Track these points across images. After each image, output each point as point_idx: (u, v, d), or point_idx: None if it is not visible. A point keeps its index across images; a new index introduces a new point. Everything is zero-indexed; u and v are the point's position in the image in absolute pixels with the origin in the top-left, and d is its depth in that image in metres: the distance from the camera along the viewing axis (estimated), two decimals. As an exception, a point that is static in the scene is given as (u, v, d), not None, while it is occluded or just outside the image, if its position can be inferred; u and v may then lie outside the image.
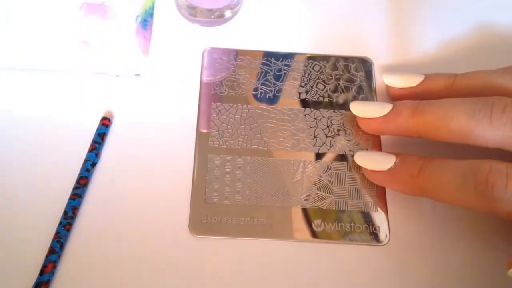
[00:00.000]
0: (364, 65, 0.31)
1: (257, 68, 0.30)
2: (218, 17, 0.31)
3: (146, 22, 0.31)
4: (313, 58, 0.31)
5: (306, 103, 0.29)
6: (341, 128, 0.29)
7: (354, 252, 0.26)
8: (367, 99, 0.30)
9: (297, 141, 0.28)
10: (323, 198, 0.27)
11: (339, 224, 0.26)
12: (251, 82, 0.30)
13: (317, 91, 0.30)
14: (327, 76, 0.30)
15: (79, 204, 0.25)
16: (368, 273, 0.25)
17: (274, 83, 0.30)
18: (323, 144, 0.28)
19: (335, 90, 0.30)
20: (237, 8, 0.32)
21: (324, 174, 0.27)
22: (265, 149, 0.28)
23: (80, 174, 0.26)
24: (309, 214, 0.26)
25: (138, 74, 0.30)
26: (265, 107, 0.29)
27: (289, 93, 0.30)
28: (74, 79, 0.29)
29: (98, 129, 0.27)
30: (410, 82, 0.28)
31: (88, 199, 0.26)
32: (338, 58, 0.31)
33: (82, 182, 0.26)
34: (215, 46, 0.31)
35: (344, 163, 0.28)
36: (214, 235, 0.25)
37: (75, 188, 0.26)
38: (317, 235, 0.26)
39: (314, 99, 0.30)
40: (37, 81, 0.29)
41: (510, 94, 0.24)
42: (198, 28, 0.32)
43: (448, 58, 0.32)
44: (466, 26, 0.33)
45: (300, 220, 0.26)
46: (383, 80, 0.29)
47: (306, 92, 0.30)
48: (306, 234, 0.26)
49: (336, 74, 0.30)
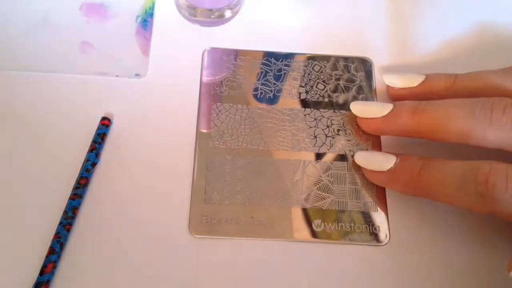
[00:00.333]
0: (364, 65, 0.31)
1: (257, 68, 0.30)
2: (218, 17, 0.31)
3: (146, 22, 0.31)
4: (313, 58, 0.31)
5: (306, 103, 0.29)
6: (341, 128, 0.29)
7: (354, 252, 0.26)
8: (367, 99, 0.30)
9: (297, 141, 0.28)
10: (323, 198, 0.27)
11: (339, 224, 0.26)
12: (251, 82, 0.30)
13: (317, 91, 0.30)
14: (327, 76, 0.30)
15: (79, 204, 0.25)
16: (368, 273, 0.25)
17: (274, 83, 0.30)
18: (323, 144, 0.28)
19: (335, 90, 0.30)
20: (237, 8, 0.32)
21: (324, 174, 0.27)
22: (265, 149, 0.28)
23: (80, 174, 0.26)
24: (309, 214, 0.26)
25: (138, 74, 0.30)
26: (265, 107, 0.29)
27: (289, 93, 0.30)
28: (74, 79, 0.29)
29: (98, 129, 0.27)
30: (410, 82, 0.28)
31: (88, 199, 0.26)
32: (338, 58, 0.31)
33: (82, 182, 0.26)
34: (215, 46, 0.31)
35: (344, 163, 0.28)
36: (214, 235, 0.25)
37: (75, 188, 0.26)
38: (317, 235, 0.26)
39: (314, 99, 0.30)
40: (37, 81, 0.29)
41: (510, 95, 0.24)
42: (198, 28, 0.32)
43: (448, 58, 0.32)
44: (466, 26, 0.33)
45: (300, 220, 0.26)
46: (383, 80, 0.29)
47: (306, 92, 0.30)
48: (306, 234, 0.26)
49: (336, 74, 0.30)
